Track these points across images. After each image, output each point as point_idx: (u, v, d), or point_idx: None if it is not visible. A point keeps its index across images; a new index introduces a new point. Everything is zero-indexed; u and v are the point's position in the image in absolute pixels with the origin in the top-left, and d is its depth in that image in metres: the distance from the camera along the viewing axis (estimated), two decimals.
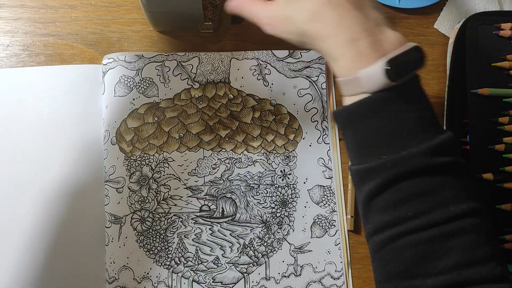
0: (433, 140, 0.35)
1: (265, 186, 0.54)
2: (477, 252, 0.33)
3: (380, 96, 0.35)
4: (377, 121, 0.36)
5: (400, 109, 0.35)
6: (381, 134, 0.36)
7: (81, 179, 0.53)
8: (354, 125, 0.37)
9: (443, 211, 0.34)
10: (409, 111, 0.35)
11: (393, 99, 0.35)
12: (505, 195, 0.50)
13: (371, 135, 0.36)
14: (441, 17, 0.58)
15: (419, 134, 0.35)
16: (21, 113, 0.54)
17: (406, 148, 0.35)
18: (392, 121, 0.35)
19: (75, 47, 0.56)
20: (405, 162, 0.34)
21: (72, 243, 0.52)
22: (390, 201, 0.35)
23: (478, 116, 0.52)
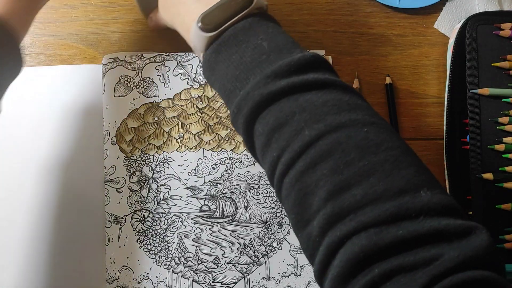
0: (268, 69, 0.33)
1: (265, 186, 0.54)
2: (347, 172, 0.29)
3: (210, 51, 0.36)
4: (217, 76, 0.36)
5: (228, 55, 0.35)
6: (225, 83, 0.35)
7: (81, 179, 0.53)
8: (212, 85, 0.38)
9: (300, 138, 0.31)
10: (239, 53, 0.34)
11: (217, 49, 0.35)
12: (505, 195, 0.50)
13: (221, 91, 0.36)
14: (441, 17, 0.58)
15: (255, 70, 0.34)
16: (21, 113, 0.54)
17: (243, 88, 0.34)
18: (226, 69, 0.35)
19: (75, 47, 0.56)
20: (245, 102, 0.33)
21: (72, 243, 0.52)
22: (260, 150, 0.33)
23: (478, 116, 0.52)
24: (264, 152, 0.33)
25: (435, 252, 0.26)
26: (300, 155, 0.30)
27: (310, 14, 0.58)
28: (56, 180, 0.52)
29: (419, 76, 0.57)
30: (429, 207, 0.27)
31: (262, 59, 0.34)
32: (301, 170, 0.30)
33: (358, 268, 0.27)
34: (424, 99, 0.57)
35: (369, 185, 0.28)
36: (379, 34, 0.58)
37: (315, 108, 0.31)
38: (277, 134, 0.32)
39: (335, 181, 0.29)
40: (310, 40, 0.57)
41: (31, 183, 0.52)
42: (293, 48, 0.35)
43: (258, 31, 0.35)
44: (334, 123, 0.30)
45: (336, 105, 0.31)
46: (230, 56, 0.35)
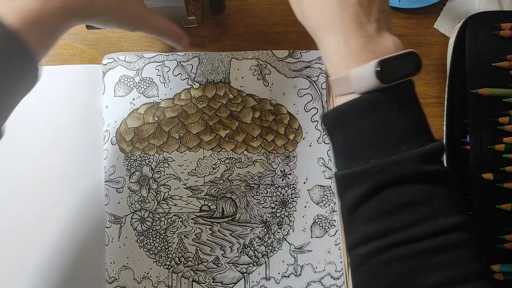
0: (424, 147, 0.33)
1: (265, 186, 0.54)
2: (467, 268, 0.31)
3: (370, 97, 0.34)
4: (366, 123, 0.34)
5: (390, 112, 0.34)
6: (369, 137, 0.34)
7: (81, 179, 0.53)
8: (342, 127, 0.35)
9: (432, 223, 0.32)
10: (400, 115, 0.34)
11: (383, 101, 0.34)
12: (505, 195, 0.50)
13: (359, 137, 0.34)
14: (441, 17, 0.58)
15: (410, 140, 0.33)
16: (21, 113, 0.54)
17: (395, 153, 0.33)
18: (382, 124, 0.34)
19: (75, 47, 0.56)
20: (393, 168, 0.33)
21: (72, 243, 0.52)
22: (376, 210, 0.33)
23: (478, 116, 0.52)
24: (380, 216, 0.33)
25: None
26: (427, 238, 0.32)
27: None
28: (56, 180, 0.52)
29: (419, 76, 0.56)
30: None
31: (415, 133, 0.34)
32: (421, 250, 0.32)
33: None
34: (424, 99, 0.57)
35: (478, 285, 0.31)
36: None
37: (452, 201, 0.33)
38: (408, 209, 0.32)
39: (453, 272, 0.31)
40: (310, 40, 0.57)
41: (31, 183, 0.52)
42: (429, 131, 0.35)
43: (415, 101, 0.35)
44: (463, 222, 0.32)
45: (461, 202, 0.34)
46: (388, 114, 0.34)
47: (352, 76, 0.34)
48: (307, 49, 0.56)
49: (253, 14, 0.58)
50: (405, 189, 0.33)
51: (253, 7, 0.58)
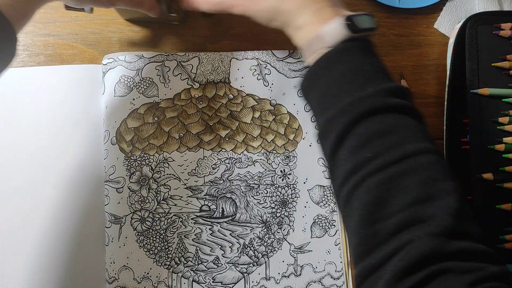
0: (388, 84, 0.37)
1: (265, 186, 0.54)
2: (434, 187, 0.33)
3: (339, 47, 0.39)
4: (335, 72, 0.38)
5: (356, 58, 0.38)
6: (339, 83, 0.38)
7: (81, 179, 0.53)
8: (315, 82, 0.40)
9: (400, 149, 0.35)
10: (364, 60, 0.38)
11: (351, 48, 0.38)
12: (505, 195, 0.50)
13: (331, 86, 0.38)
14: (441, 17, 0.58)
15: (376, 79, 0.38)
16: (21, 113, 0.54)
17: (363, 91, 0.37)
18: (349, 70, 0.38)
19: (75, 47, 0.56)
20: (361, 103, 0.36)
21: (72, 243, 0.52)
22: (350, 148, 0.36)
23: (478, 116, 0.52)
24: (356, 152, 0.36)
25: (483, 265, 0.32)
26: (396, 163, 0.34)
27: None
28: (56, 180, 0.52)
29: (419, 76, 0.57)
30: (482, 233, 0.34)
31: (379, 75, 0.38)
32: (392, 174, 0.34)
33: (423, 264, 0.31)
34: (424, 99, 0.57)
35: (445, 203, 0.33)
36: (379, 34, 0.58)
37: (417, 130, 0.36)
38: (379, 139, 0.35)
39: (420, 192, 0.33)
40: None
41: (31, 183, 0.52)
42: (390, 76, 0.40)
43: (376, 51, 0.40)
44: (429, 147, 0.36)
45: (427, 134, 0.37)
46: (355, 59, 0.38)
47: (324, 31, 0.40)
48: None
49: None
50: (374, 121, 0.36)
51: None
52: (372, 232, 0.34)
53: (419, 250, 0.31)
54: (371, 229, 0.34)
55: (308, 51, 0.41)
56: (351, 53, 0.39)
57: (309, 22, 0.41)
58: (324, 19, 0.40)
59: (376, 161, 0.35)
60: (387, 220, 0.33)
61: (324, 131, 0.38)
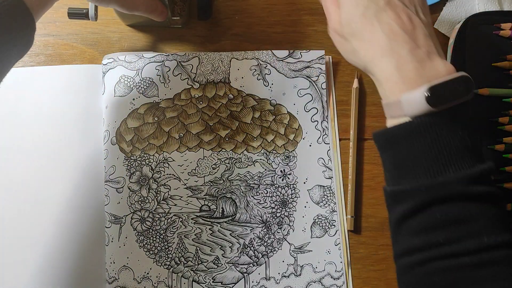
0: (471, 168, 0.34)
1: (265, 186, 0.54)
2: (509, 284, 0.32)
3: (420, 121, 0.35)
4: (414, 145, 0.36)
5: (440, 135, 0.35)
6: (419, 158, 0.35)
7: (81, 179, 0.53)
8: (393, 147, 0.37)
9: (476, 240, 0.33)
10: (449, 137, 0.35)
11: (432, 125, 0.35)
12: (505, 195, 0.50)
13: (409, 158, 0.36)
14: (441, 17, 0.58)
15: (458, 161, 0.35)
16: (21, 113, 0.54)
17: (443, 174, 0.34)
18: (430, 146, 0.35)
19: (75, 47, 0.56)
20: (441, 188, 0.34)
21: (72, 243, 0.52)
22: (422, 225, 0.35)
23: (478, 116, 0.52)
24: (427, 230, 0.35)
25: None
26: (469, 254, 0.33)
27: (310, 14, 0.58)
28: (56, 180, 0.52)
29: None
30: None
31: (464, 155, 0.35)
32: (463, 265, 0.33)
33: None
34: None
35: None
36: None
37: (497, 221, 0.34)
38: (454, 227, 0.34)
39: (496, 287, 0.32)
40: (310, 40, 0.57)
41: (31, 183, 0.52)
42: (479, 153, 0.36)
43: (466, 123, 0.36)
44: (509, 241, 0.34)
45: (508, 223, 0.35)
46: (438, 137, 0.35)
47: (403, 100, 0.36)
48: (307, 49, 0.56)
49: (253, 14, 0.58)
50: (451, 207, 0.34)
51: (253, 7, 0.58)
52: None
53: None
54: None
55: (387, 112, 0.38)
56: (435, 129, 0.35)
57: (389, 81, 0.37)
58: (406, 80, 0.36)
59: (447, 248, 0.34)
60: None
61: (394, 196, 0.37)
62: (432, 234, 0.34)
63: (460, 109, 0.36)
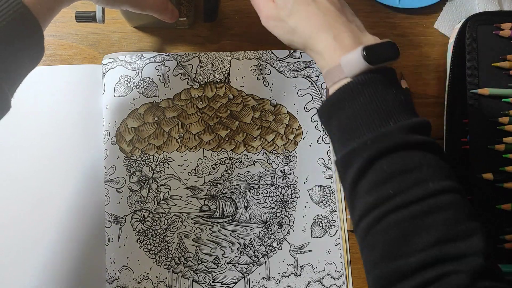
0: (409, 120, 0.37)
1: (265, 186, 0.54)
2: (457, 227, 0.34)
3: (360, 79, 0.38)
4: (356, 104, 0.38)
5: (377, 91, 0.38)
6: (361, 115, 0.38)
7: (81, 179, 0.53)
8: (337, 113, 0.39)
9: (422, 187, 0.35)
10: (386, 93, 0.38)
11: (371, 81, 0.38)
12: (505, 195, 0.50)
13: (353, 117, 0.38)
14: (441, 17, 0.58)
15: (396, 114, 0.37)
16: (21, 113, 0.54)
17: (385, 126, 0.37)
18: (371, 103, 0.38)
19: (75, 47, 0.56)
20: (384, 139, 0.36)
21: (72, 243, 0.52)
22: (373, 182, 0.36)
23: (478, 116, 0.52)
24: (377, 187, 0.36)
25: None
26: (418, 202, 0.34)
27: None
28: (56, 180, 0.52)
29: (419, 76, 0.57)
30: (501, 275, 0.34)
31: (401, 109, 0.38)
32: (414, 213, 0.34)
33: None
34: (424, 99, 0.57)
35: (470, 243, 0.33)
36: (379, 34, 0.57)
37: (440, 167, 0.36)
38: (401, 177, 0.35)
39: (445, 232, 0.33)
40: None
41: (31, 183, 0.52)
42: (413, 109, 0.39)
43: (397, 83, 0.40)
44: (452, 186, 0.35)
45: (451, 171, 0.37)
46: (376, 92, 0.38)
47: (343, 62, 0.39)
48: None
49: (253, 14, 0.58)
50: (396, 158, 0.36)
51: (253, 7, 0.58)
52: (395, 267, 0.34)
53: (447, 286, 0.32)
54: (394, 264, 0.34)
55: (328, 80, 0.41)
56: (373, 85, 0.38)
57: (328, 49, 0.41)
58: (344, 47, 0.40)
59: (398, 199, 0.35)
60: (410, 257, 0.33)
61: (345, 162, 0.38)
62: (383, 188, 0.35)
63: (390, 70, 0.40)
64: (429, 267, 0.33)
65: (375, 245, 0.36)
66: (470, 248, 0.33)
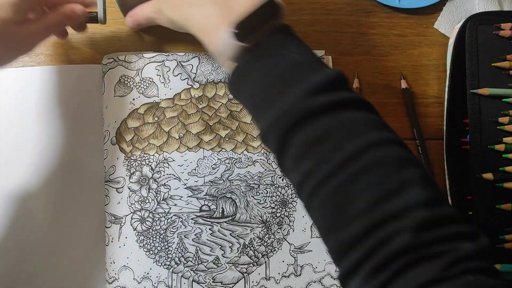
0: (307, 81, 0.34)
1: (265, 186, 0.54)
2: (388, 183, 0.31)
3: (242, 60, 0.36)
4: (250, 84, 0.36)
5: (266, 64, 0.35)
6: (258, 94, 0.36)
7: (81, 179, 0.53)
8: (239, 95, 0.38)
9: (340, 152, 0.32)
10: (276, 63, 0.35)
11: (255, 57, 0.35)
12: (505, 195, 0.50)
13: (251, 98, 0.36)
14: (441, 17, 0.58)
15: (293, 81, 0.34)
16: (21, 113, 0.54)
17: (282, 99, 0.34)
18: (263, 78, 0.35)
19: (75, 47, 0.56)
20: (286, 113, 0.34)
21: (72, 243, 0.52)
22: (293, 158, 0.34)
23: (478, 116, 0.52)
24: (298, 163, 0.34)
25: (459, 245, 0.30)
26: (341, 167, 0.32)
27: (310, 14, 0.58)
28: (56, 180, 0.52)
29: (419, 76, 0.57)
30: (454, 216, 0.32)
31: (297, 72, 0.35)
32: (342, 181, 0.32)
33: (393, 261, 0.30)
34: (424, 99, 0.57)
35: (408, 195, 0.31)
36: (379, 34, 0.58)
37: (354, 125, 0.33)
38: (317, 147, 0.33)
39: (377, 192, 0.31)
40: (310, 40, 0.57)
41: (30, 183, 0.52)
42: (321, 63, 0.36)
43: (291, 45, 0.36)
44: (373, 140, 0.33)
45: (372, 123, 0.34)
46: (265, 67, 0.35)
47: (219, 47, 0.37)
48: None
49: None
50: (306, 129, 0.34)
51: None
52: (338, 240, 0.32)
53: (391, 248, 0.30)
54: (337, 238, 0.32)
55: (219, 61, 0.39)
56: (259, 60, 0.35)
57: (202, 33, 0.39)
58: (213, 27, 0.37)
59: (321, 171, 0.33)
60: (350, 227, 0.32)
61: (265, 143, 0.37)
62: (303, 163, 0.33)
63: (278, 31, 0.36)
64: (370, 233, 0.31)
65: (318, 221, 0.34)
66: (407, 201, 0.31)
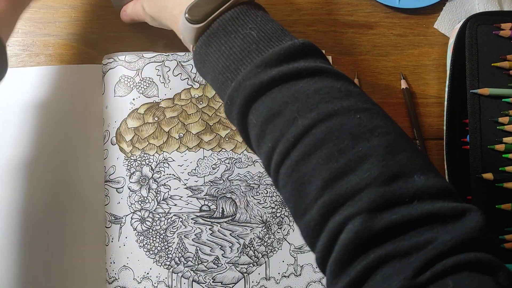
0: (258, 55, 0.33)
1: (265, 186, 0.54)
2: (343, 159, 0.29)
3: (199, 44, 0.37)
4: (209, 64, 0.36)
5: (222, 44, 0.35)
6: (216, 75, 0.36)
7: (81, 179, 0.53)
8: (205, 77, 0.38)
9: (294, 128, 0.31)
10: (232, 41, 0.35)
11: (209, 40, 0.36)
12: (505, 195, 0.50)
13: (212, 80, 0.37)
14: (441, 17, 0.58)
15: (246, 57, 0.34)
16: (21, 113, 0.54)
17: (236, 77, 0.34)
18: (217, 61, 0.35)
19: (75, 47, 0.56)
20: (238, 91, 0.33)
21: (72, 243, 0.52)
22: (254, 137, 0.33)
23: (478, 116, 0.52)
24: (259, 143, 0.33)
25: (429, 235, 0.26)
26: (294, 145, 0.30)
27: (310, 14, 0.58)
28: (56, 180, 0.52)
29: (419, 76, 0.57)
30: (423, 191, 0.27)
31: (251, 48, 0.34)
32: (296, 160, 0.30)
33: (355, 254, 0.27)
34: (424, 99, 0.57)
35: (363, 171, 0.28)
36: (379, 34, 0.58)
37: (307, 97, 0.31)
38: (271, 124, 0.32)
39: (331, 169, 0.29)
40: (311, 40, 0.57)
41: (30, 183, 0.52)
42: (282, 36, 0.35)
43: (247, 21, 0.35)
44: (327, 111, 0.31)
45: (328, 93, 0.31)
46: (220, 47, 0.35)
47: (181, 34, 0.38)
48: None
49: None
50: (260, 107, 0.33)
51: None
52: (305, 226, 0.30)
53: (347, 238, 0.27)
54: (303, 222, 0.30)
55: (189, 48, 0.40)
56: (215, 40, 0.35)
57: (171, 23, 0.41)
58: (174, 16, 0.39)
59: (278, 149, 0.31)
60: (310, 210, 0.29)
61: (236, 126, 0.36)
62: (262, 142, 0.32)
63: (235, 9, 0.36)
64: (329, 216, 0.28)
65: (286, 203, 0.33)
66: (362, 178, 0.28)
